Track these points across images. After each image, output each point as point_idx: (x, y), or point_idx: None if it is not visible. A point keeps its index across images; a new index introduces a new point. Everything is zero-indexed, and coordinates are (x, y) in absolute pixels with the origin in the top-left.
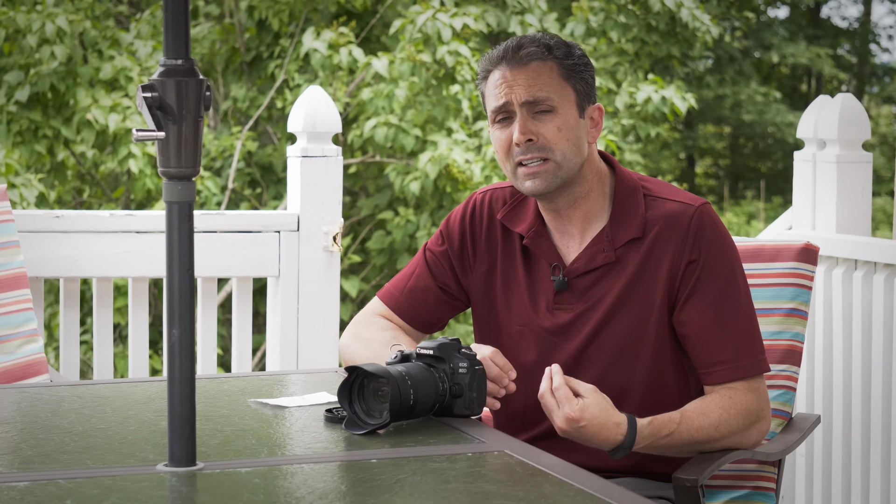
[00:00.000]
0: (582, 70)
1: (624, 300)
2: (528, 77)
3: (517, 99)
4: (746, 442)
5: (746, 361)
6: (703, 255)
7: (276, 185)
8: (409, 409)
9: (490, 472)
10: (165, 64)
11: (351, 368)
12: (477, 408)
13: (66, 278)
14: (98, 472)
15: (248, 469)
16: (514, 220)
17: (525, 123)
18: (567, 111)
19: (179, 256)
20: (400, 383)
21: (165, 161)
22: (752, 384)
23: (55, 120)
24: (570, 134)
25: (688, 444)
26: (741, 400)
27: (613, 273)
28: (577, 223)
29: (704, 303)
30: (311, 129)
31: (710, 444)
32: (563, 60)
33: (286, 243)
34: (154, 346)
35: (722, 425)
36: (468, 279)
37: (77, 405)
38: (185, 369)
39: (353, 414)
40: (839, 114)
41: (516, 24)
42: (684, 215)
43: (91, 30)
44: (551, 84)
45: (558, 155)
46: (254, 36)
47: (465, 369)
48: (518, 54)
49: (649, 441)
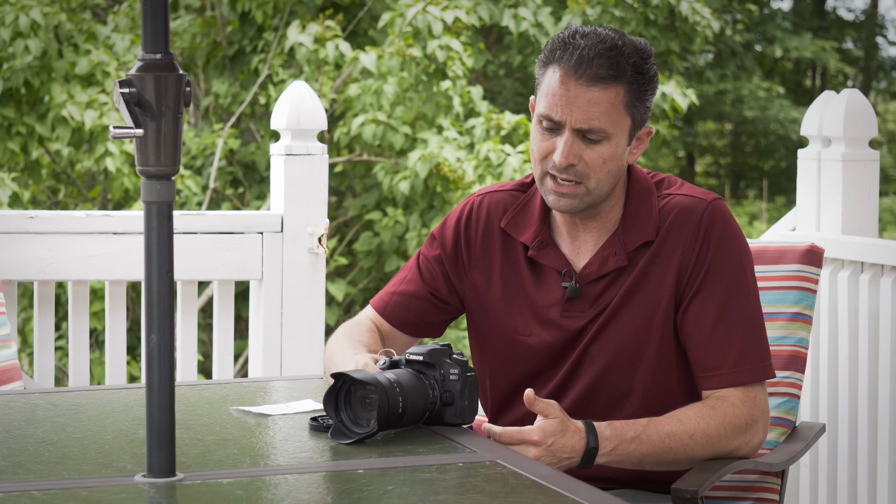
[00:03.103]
0: (647, 96)
1: (628, 299)
2: (590, 101)
3: (571, 123)
4: (736, 449)
5: (749, 367)
6: (711, 252)
7: (259, 184)
8: (397, 418)
9: (482, 483)
10: (144, 58)
11: (337, 375)
12: (469, 416)
13: (40, 281)
14: (74, 483)
15: (230, 480)
16: (517, 227)
17: (571, 148)
18: (618, 141)
19: (158, 259)
20: (388, 391)
21: (144, 159)
22: (748, 393)
23: (29, 117)
24: (612, 165)
25: (662, 453)
26: (727, 412)
27: (623, 276)
28: (593, 230)
29: (710, 302)
30: (296, 126)
31: (689, 453)
32: (632, 85)
33: (269, 245)
34: (132, 352)
35: (698, 434)
36: (463, 285)
37: (52, 413)
38: (164, 376)
39: (340, 422)
40: (845, 110)
41: (509, 18)
42: (695, 211)
43: (66, 23)
44: (611, 114)
45: (593, 184)
46: (236, 29)
47: (455, 376)
48: (588, 70)
49: (614, 444)
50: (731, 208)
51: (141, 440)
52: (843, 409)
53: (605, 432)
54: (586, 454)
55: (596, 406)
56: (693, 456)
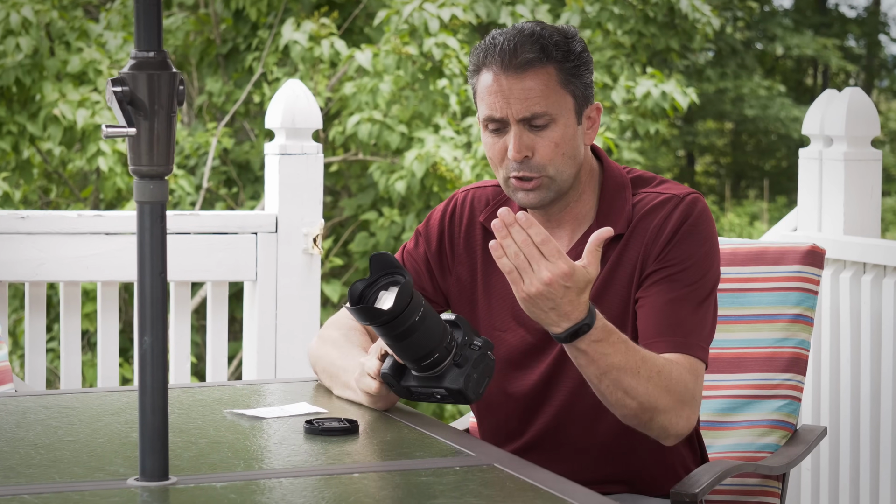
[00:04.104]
0: (582, 71)
1: (601, 295)
2: (525, 89)
3: (513, 115)
4: (674, 420)
5: (694, 342)
6: (674, 243)
7: (254, 184)
8: (411, 315)
9: (479, 486)
10: (136, 56)
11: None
12: (471, 388)
13: (31, 282)
14: (65, 486)
15: (224, 483)
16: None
17: (521, 140)
18: (565, 121)
19: (151, 259)
20: (415, 294)
21: (137, 159)
22: (694, 365)
23: (20, 115)
24: (567, 147)
25: (630, 372)
26: (681, 370)
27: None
28: (567, 225)
29: (663, 279)
30: (291, 125)
31: (649, 387)
32: (563, 63)
33: (264, 245)
34: (124, 353)
35: (664, 372)
36: (447, 281)
37: (43, 416)
38: (157, 378)
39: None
40: (847, 109)
41: (507, 16)
42: (666, 205)
43: (58, 20)
44: (549, 95)
45: (552, 170)
46: (230, 27)
47: (477, 347)
48: (514, 60)
49: (601, 335)
50: (731, 208)
51: (134, 443)
52: (845, 411)
53: (601, 321)
54: (578, 325)
55: (584, 406)
56: (648, 394)
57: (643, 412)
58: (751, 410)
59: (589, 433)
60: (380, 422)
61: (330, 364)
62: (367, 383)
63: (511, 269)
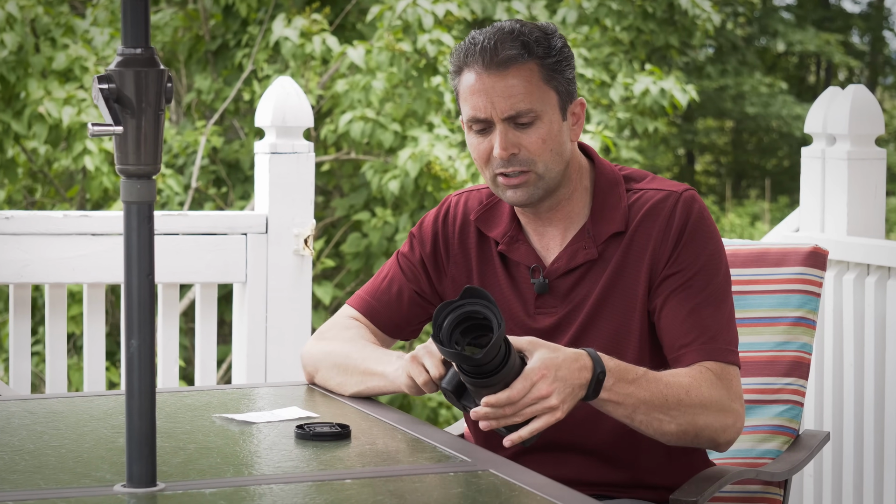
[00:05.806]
0: (564, 67)
1: (607, 296)
2: (508, 87)
3: (498, 114)
4: (720, 430)
5: (721, 346)
6: (683, 244)
7: (243, 183)
8: (497, 363)
9: (474, 493)
10: (123, 53)
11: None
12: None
13: (15, 284)
14: (51, 493)
15: (213, 490)
16: (488, 223)
17: (506, 138)
18: (550, 118)
19: (138, 261)
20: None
21: (123, 158)
22: (725, 370)
23: (4, 113)
24: (553, 143)
25: (659, 401)
26: (712, 380)
27: (595, 271)
28: (558, 224)
29: (683, 294)
30: (281, 123)
31: (682, 409)
32: (544, 59)
33: (254, 246)
34: (111, 357)
35: (693, 391)
36: (443, 283)
37: (28, 421)
38: (144, 382)
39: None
40: (850, 107)
41: (502, 11)
42: (667, 202)
43: (43, 16)
44: (533, 92)
45: (541, 167)
46: (219, 23)
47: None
48: (496, 58)
49: (614, 380)
50: (732, 208)
51: (120, 449)
52: (849, 416)
53: (608, 363)
54: (594, 379)
55: (585, 409)
56: (684, 416)
57: (685, 434)
58: (752, 415)
59: (589, 437)
60: (372, 426)
61: (344, 357)
62: (423, 380)
63: (533, 429)
